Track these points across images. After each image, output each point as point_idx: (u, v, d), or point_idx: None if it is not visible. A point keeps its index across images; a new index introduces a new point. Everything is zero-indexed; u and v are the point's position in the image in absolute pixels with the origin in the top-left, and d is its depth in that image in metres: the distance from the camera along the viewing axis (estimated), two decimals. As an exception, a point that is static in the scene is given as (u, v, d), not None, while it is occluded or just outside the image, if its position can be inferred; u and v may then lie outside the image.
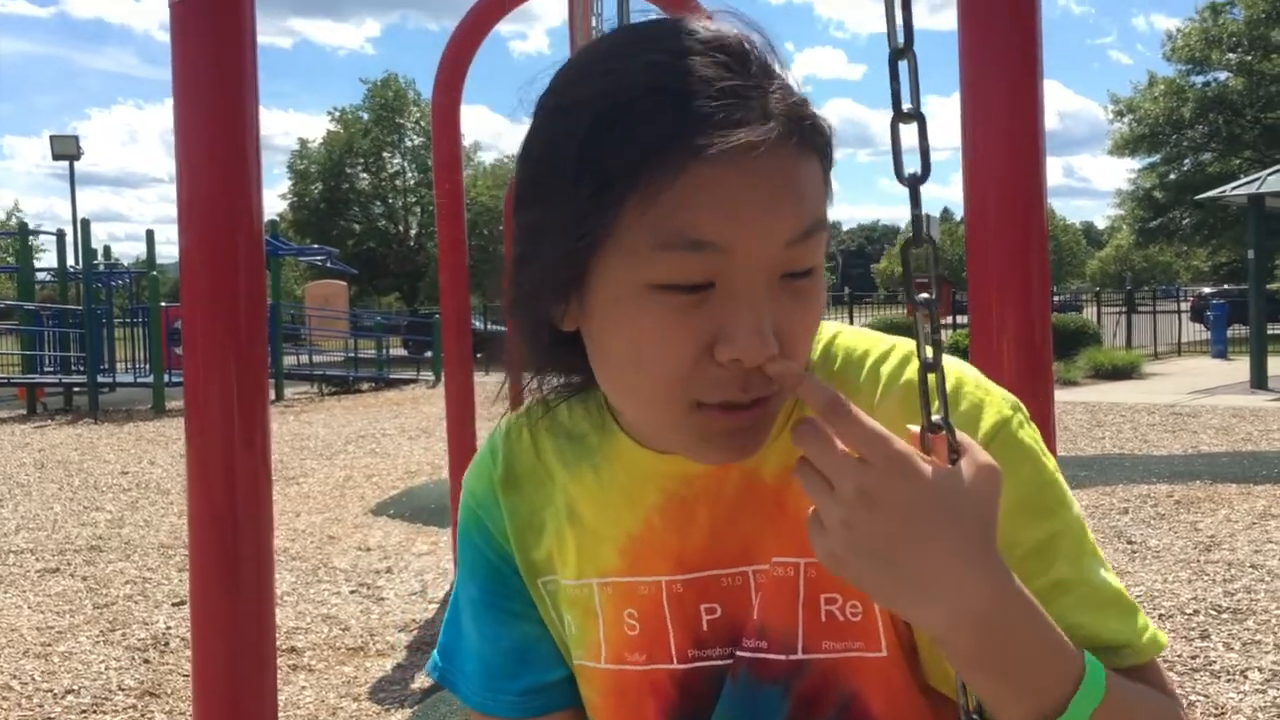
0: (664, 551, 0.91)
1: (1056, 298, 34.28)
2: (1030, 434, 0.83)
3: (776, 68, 0.79)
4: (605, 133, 0.74)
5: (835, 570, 0.70)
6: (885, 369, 0.86)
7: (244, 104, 2.07)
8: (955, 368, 0.85)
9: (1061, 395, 13.08)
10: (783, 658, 0.87)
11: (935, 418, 0.74)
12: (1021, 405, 0.85)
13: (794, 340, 0.78)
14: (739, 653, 0.89)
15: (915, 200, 0.76)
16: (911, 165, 0.77)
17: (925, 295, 0.75)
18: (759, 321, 0.74)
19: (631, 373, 0.80)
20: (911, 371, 0.84)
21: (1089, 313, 22.57)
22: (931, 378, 0.75)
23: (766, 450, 0.86)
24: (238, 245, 2.07)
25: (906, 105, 0.75)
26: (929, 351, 0.75)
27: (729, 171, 0.72)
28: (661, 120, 0.72)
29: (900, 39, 0.75)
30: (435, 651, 1.06)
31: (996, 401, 0.84)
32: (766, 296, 0.75)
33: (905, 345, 0.88)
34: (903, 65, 0.75)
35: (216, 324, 2.07)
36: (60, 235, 20.57)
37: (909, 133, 0.77)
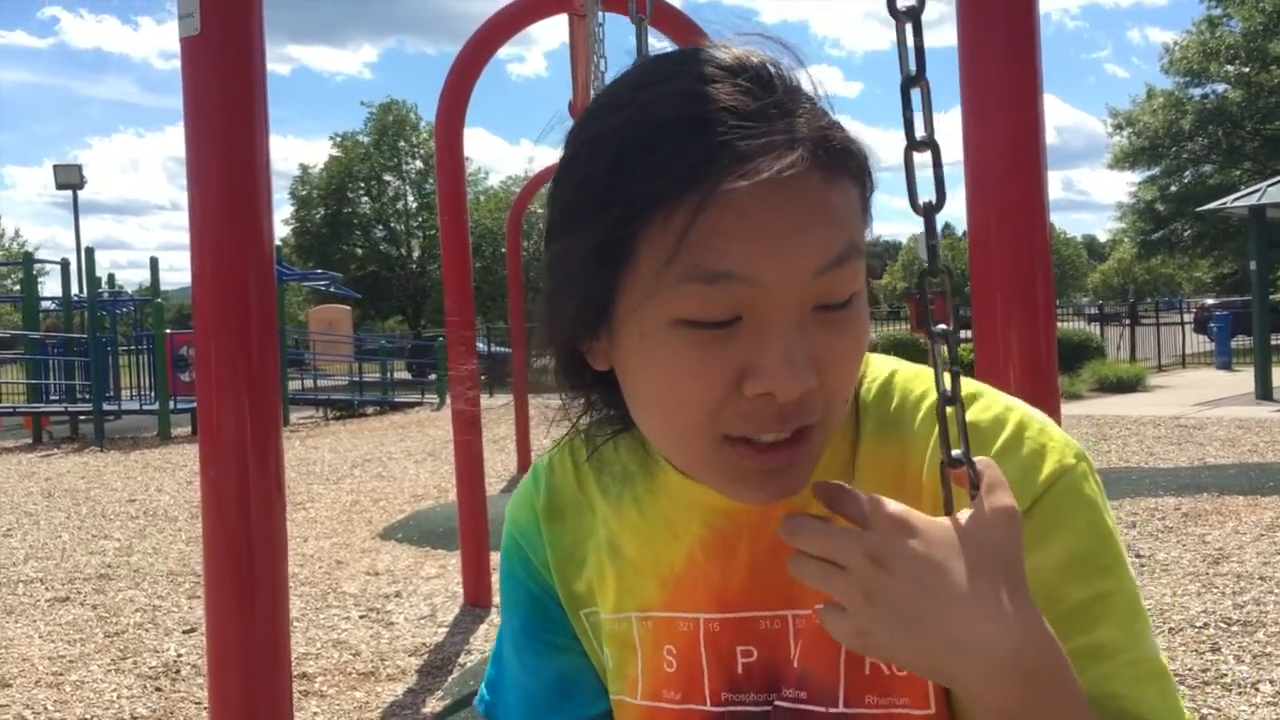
0: (705, 587, 0.88)
1: (1092, 308, 33.95)
2: (1092, 487, 0.79)
3: (806, 90, 0.76)
4: (628, 164, 0.72)
5: (865, 649, 0.69)
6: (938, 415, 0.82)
7: (254, 133, 2.10)
8: (1020, 411, 0.81)
9: (1066, 409, 13.07)
10: (822, 710, 0.84)
11: (955, 453, 0.72)
12: (1086, 456, 0.81)
13: (835, 372, 0.75)
14: (779, 701, 0.86)
15: (930, 229, 0.75)
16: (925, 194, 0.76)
17: (942, 326, 0.73)
18: (790, 353, 0.71)
19: (661, 409, 0.77)
20: (972, 415, 0.80)
21: (1079, 325, 22.56)
22: (953, 410, 0.73)
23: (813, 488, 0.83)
24: (249, 271, 2.09)
25: (920, 134, 0.75)
26: (946, 382, 0.73)
27: (752, 200, 0.69)
28: (683, 150, 0.70)
29: (912, 67, 0.74)
30: (483, 685, 1.04)
31: (1059, 448, 0.79)
32: (797, 328, 0.72)
33: (965, 387, 0.83)
34: (914, 93, 0.74)
35: (229, 349, 2.09)
36: (64, 264, 20.64)
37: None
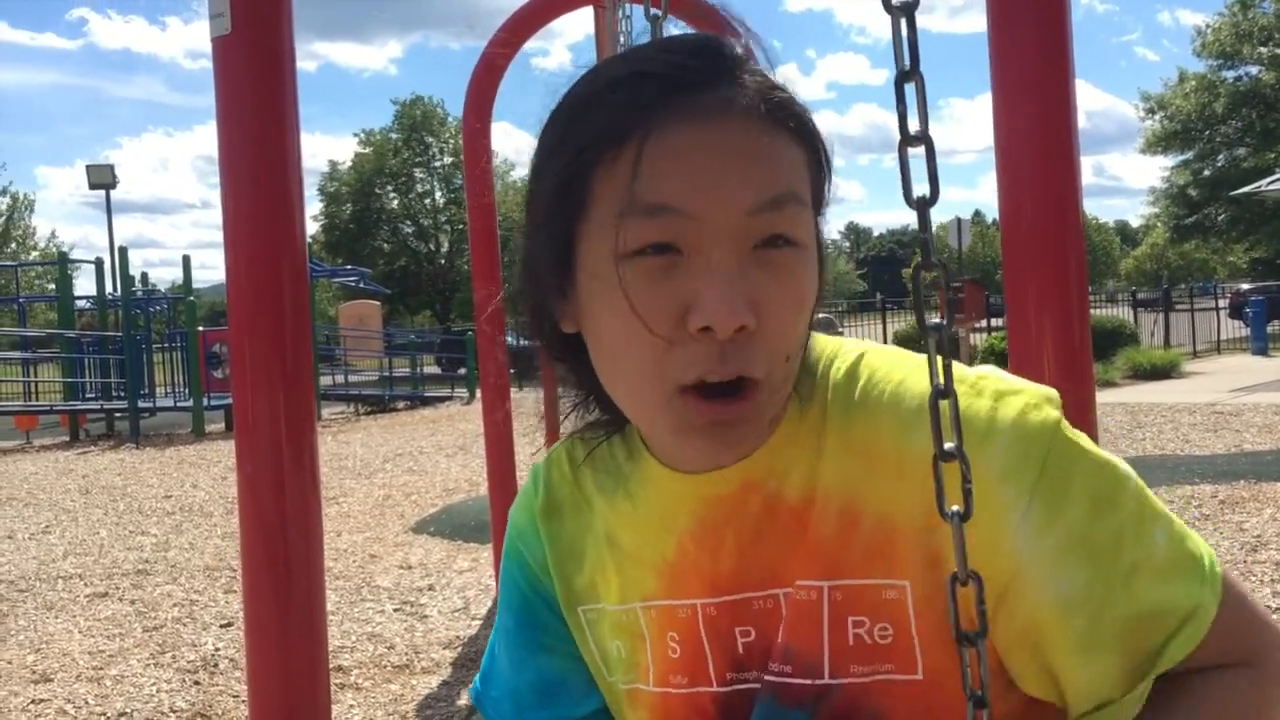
0: (698, 575, 0.91)
1: (1127, 294, 33.10)
2: (1073, 430, 0.82)
3: (761, 65, 0.82)
4: (581, 116, 0.79)
5: None
6: (910, 394, 0.83)
7: (286, 131, 2.11)
8: (987, 381, 0.83)
9: (1100, 396, 12.90)
10: (808, 682, 0.86)
11: (948, 445, 0.74)
12: (1053, 394, 0.83)
13: (775, 315, 0.77)
14: (765, 676, 0.88)
15: (924, 224, 0.76)
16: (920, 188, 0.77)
17: (937, 321, 0.75)
18: (727, 287, 0.74)
19: (618, 356, 0.80)
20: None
21: (1125, 313, 22.27)
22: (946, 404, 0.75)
23: (787, 470, 0.86)
24: (282, 269, 2.10)
25: (914, 128, 0.75)
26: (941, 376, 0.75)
27: (690, 140, 0.75)
28: (628, 99, 0.76)
29: (907, 61, 0.75)
30: (478, 675, 1.08)
31: (1036, 402, 0.81)
32: (736, 266, 0.75)
33: (925, 375, 0.84)
34: (909, 88, 0.75)
35: (263, 346, 2.10)
36: (99, 263, 20.86)
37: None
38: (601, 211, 0.77)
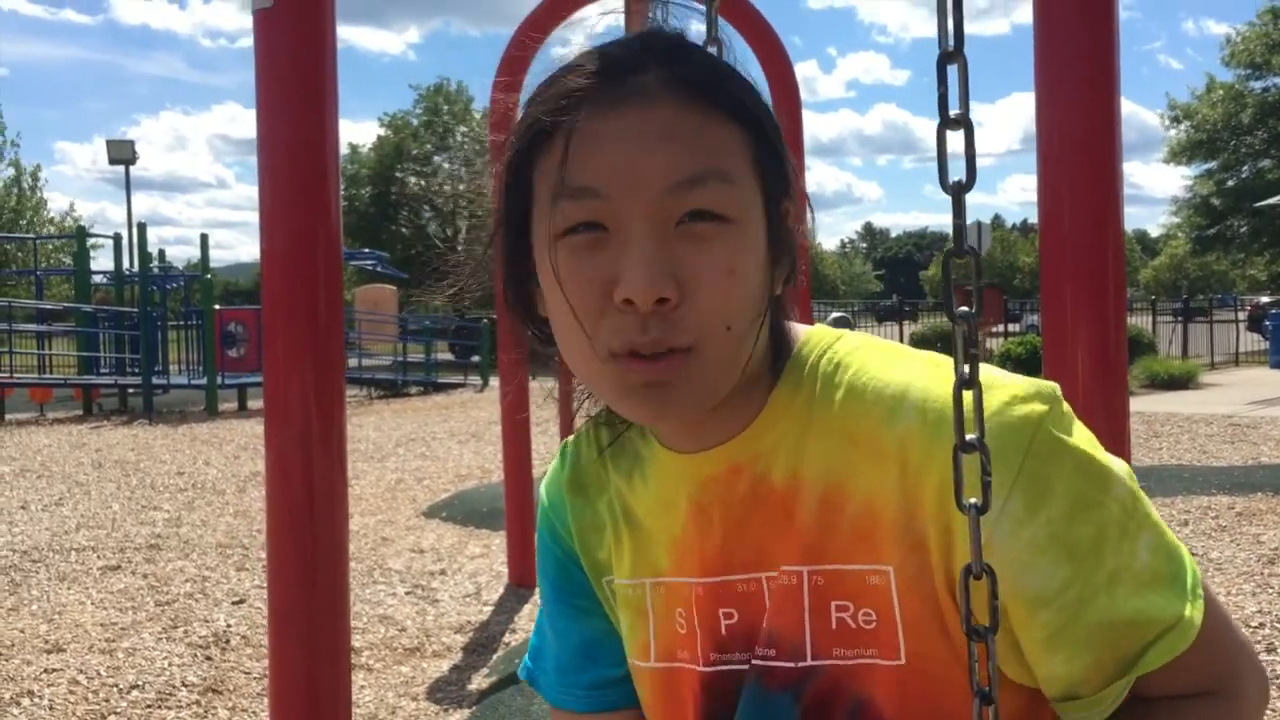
0: (691, 554, 0.94)
1: (1166, 304, 32.41)
2: (1063, 425, 0.81)
3: (707, 50, 0.87)
4: (526, 111, 0.85)
5: None
6: (895, 382, 0.84)
7: (324, 109, 2.09)
8: (984, 374, 0.81)
9: (1116, 404, 12.80)
10: (791, 665, 0.88)
11: (970, 437, 0.73)
12: (1046, 388, 0.82)
13: (702, 286, 0.79)
14: (753, 660, 0.90)
15: (959, 209, 0.75)
16: (956, 173, 0.76)
17: (965, 309, 0.74)
18: (645, 260, 0.78)
19: (563, 329, 0.84)
20: (935, 384, 0.82)
21: (1145, 321, 22.15)
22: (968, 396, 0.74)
23: (773, 453, 0.87)
24: (317, 248, 2.09)
25: (954, 111, 0.74)
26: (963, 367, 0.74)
27: (609, 123, 0.80)
28: (559, 88, 0.82)
29: (950, 42, 0.74)
30: (527, 654, 1.10)
31: (1024, 396, 0.80)
32: (656, 240, 0.79)
33: (915, 366, 0.85)
34: (951, 70, 0.73)
35: (296, 324, 2.09)
36: (116, 238, 20.92)
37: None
38: (541, 199, 0.83)
